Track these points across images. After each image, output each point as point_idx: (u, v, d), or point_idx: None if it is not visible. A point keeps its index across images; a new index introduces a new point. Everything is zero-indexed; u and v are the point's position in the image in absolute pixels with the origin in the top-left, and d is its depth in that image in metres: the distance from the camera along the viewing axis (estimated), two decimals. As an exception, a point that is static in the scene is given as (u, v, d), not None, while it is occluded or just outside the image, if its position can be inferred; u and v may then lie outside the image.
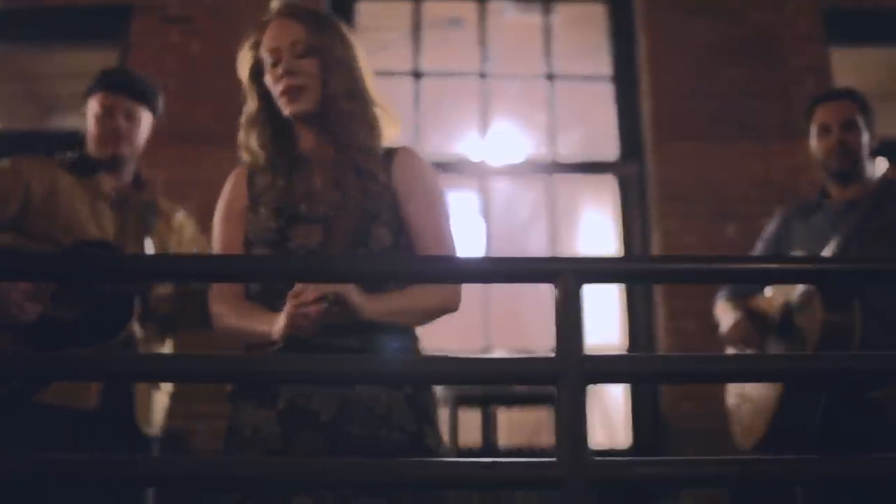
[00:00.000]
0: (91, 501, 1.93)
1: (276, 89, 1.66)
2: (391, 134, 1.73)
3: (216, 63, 3.77)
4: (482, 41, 4.09)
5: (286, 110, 1.65)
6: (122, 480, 0.89)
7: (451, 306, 1.63)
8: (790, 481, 1.73)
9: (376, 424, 1.49)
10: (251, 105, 1.72)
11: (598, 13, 4.26)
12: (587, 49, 4.58)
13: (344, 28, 1.74)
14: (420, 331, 1.68)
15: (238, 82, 3.92)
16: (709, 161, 3.76)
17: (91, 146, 2.31)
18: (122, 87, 2.30)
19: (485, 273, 1.16)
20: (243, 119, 1.72)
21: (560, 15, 4.56)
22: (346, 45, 1.70)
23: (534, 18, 4.44)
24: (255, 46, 1.71)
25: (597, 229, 5.87)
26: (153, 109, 2.37)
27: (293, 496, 1.43)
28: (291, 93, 1.63)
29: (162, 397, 2.29)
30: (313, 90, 1.64)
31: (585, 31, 4.57)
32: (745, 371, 1.14)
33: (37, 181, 2.20)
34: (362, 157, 1.64)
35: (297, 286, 1.47)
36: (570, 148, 5.89)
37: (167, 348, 2.34)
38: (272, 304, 1.54)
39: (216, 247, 1.69)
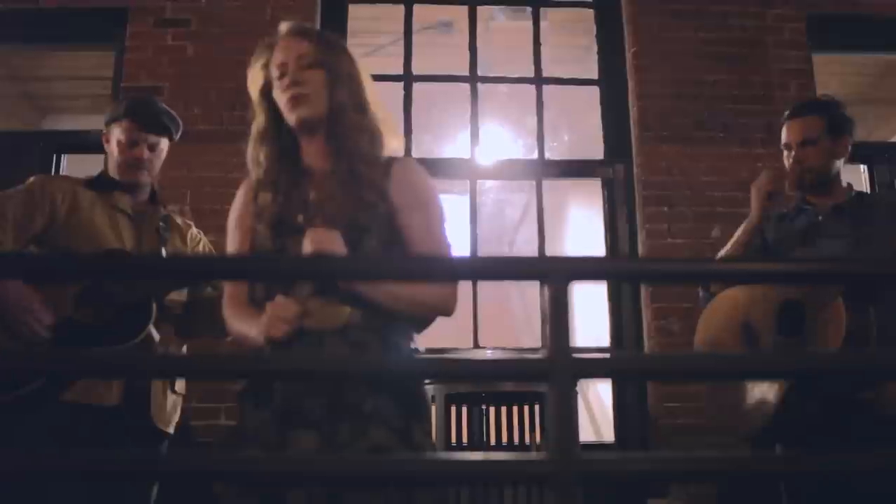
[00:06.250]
0: (96, 497, 1.99)
1: (282, 99, 1.72)
2: (393, 146, 1.78)
3: (210, 66, 3.81)
4: (472, 45, 4.14)
5: (291, 117, 1.71)
6: (135, 475, 0.93)
7: (445, 307, 1.67)
8: (776, 477, 1.78)
9: (364, 422, 1.52)
10: (260, 121, 1.78)
11: (587, 18, 4.32)
12: (575, 53, 4.64)
13: (348, 48, 1.82)
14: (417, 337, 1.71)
15: (231, 86, 3.97)
16: (694, 163, 3.82)
17: (112, 170, 2.41)
18: (149, 124, 2.40)
19: (476, 272, 1.20)
20: (252, 135, 1.78)
21: (549, 20, 4.62)
22: (351, 62, 1.78)
23: (523, 23, 4.49)
24: (265, 66, 1.77)
25: (585, 230, 5.93)
26: (173, 137, 2.48)
27: (287, 492, 1.47)
28: (295, 101, 1.69)
29: (174, 398, 2.37)
30: (318, 99, 1.70)
31: (574, 36, 4.64)
32: (730, 370, 1.17)
33: (61, 198, 2.29)
34: (364, 167, 1.68)
35: (278, 297, 1.58)
36: (559, 150, 5.95)
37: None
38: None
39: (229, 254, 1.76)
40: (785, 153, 2.52)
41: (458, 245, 4.85)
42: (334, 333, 1.56)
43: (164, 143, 2.45)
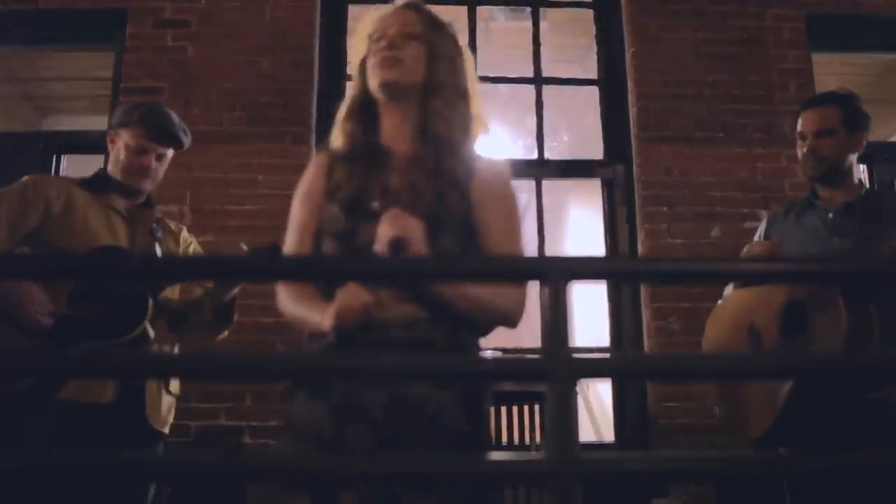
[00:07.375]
0: (94, 497, 1.99)
1: (372, 62, 1.64)
2: (482, 145, 1.71)
3: (210, 66, 3.81)
4: (472, 45, 4.14)
5: (376, 80, 1.62)
6: (157, 476, 0.93)
7: (512, 314, 1.59)
8: (776, 477, 1.78)
9: (425, 423, 1.47)
10: (352, 92, 1.71)
11: (586, 18, 4.32)
12: (575, 53, 4.64)
13: (459, 39, 1.74)
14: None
15: (231, 86, 3.96)
16: (693, 163, 3.83)
17: (115, 172, 2.40)
18: (161, 136, 2.40)
19: (475, 272, 1.20)
20: (344, 105, 1.71)
21: (548, 20, 4.62)
22: (457, 48, 1.71)
23: (522, 23, 4.49)
24: (370, 38, 1.69)
25: (584, 231, 5.93)
26: (180, 146, 2.48)
27: (340, 492, 1.42)
28: (386, 62, 1.62)
29: (170, 399, 2.37)
30: (412, 67, 1.63)
31: (573, 36, 4.64)
32: (730, 370, 1.17)
33: (55, 196, 2.30)
34: (452, 159, 1.61)
35: (350, 283, 1.48)
36: (559, 150, 5.95)
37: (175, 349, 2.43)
38: (333, 293, 1.52)
39: (291, 229, 1.67)
40: (799, 143, 2.49)
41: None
42: (402, 326, 1.50)
43: (171, 153, 2.47)
